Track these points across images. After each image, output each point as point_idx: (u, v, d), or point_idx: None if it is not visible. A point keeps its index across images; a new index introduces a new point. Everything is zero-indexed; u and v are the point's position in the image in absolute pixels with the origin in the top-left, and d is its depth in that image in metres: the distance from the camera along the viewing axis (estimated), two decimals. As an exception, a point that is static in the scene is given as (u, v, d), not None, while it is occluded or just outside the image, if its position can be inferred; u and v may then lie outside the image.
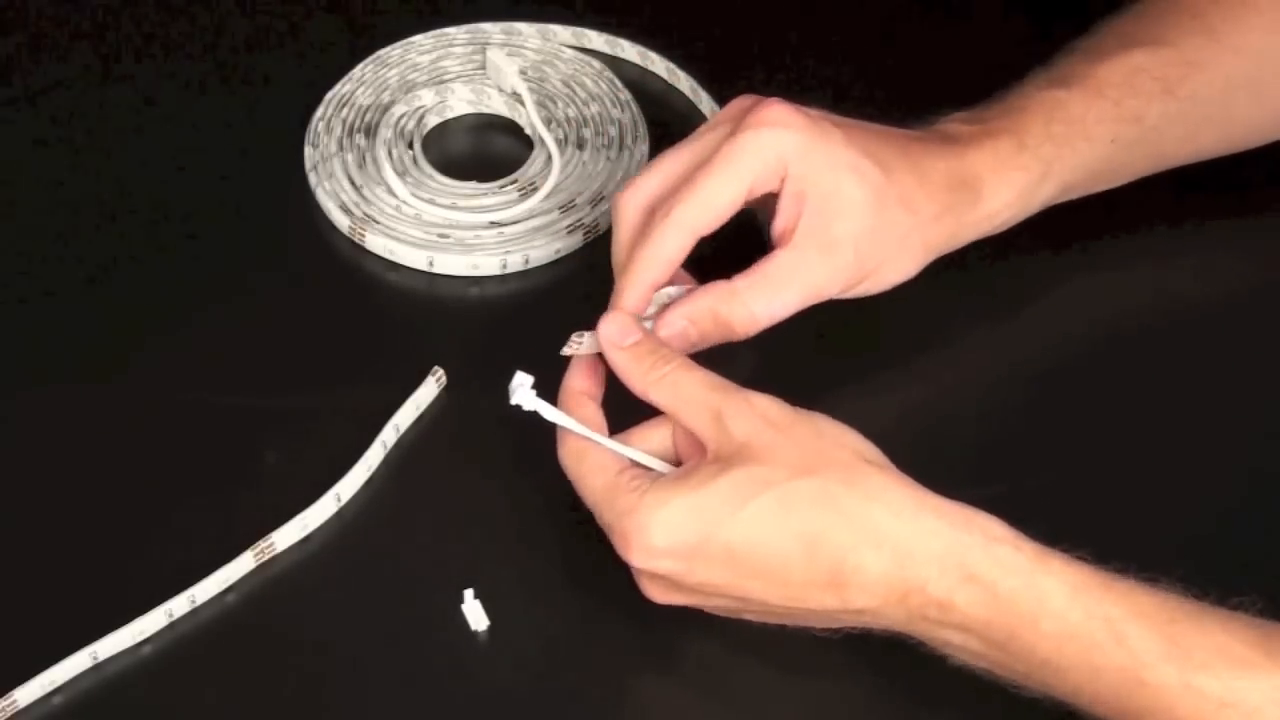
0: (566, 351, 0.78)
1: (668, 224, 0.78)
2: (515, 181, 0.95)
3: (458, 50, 1.01)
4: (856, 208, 0.80)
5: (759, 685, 0.77)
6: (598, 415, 0.77)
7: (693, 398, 0.75)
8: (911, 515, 0.71)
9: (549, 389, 0.80)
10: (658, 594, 0.75)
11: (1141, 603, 0.70)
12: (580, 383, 0.78)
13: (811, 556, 0.71)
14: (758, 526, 0.71)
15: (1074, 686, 0.71)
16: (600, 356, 0.78)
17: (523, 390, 0.77)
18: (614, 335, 0.77)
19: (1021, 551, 0.71)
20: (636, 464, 0.75)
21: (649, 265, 0.79)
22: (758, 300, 0.80)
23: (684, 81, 1.00)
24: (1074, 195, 0.88)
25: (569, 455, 0.76)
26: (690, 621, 0.78)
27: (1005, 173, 0.84)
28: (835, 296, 0.82)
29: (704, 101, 0.98)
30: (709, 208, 0.79)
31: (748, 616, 0.75)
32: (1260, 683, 0.68)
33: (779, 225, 0.81)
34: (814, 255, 0.80)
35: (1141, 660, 0.69)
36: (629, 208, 0.81)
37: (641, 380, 0.76)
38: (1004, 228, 0.86)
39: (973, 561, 0.70)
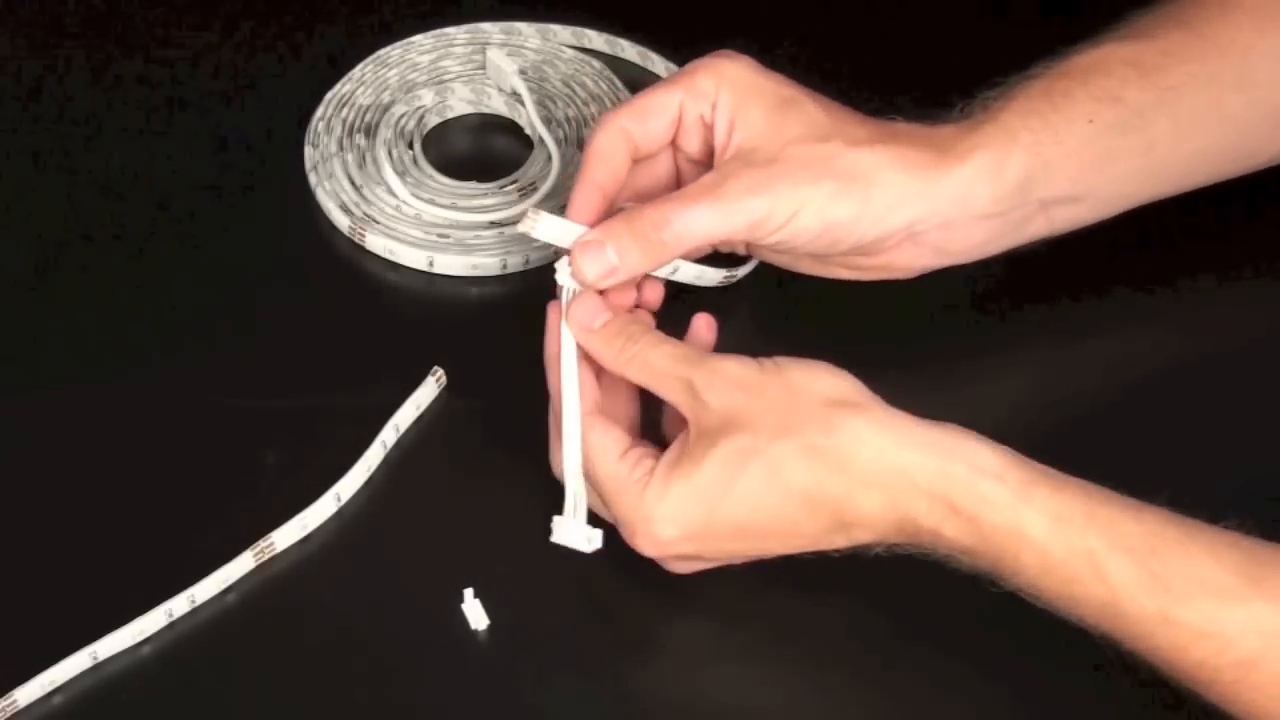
0: (522, 228, 0.80)
1: (602, 124, 0.82)
2: (515, 181, 0.95)
3: (458, 50, 1.01)
4: (784, 134, 0.80)
5: (761, 683, 0.77)
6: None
7: (664, 371, 0.76)
8: (894, 452, 0.73)
9: (544, 392, 0.80)
10: (680, 568, 0.77)
11: (1124, 533, 0.70)
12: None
13: (813, 510, 0.73)
14: (755, 497, 0.73)
15: (1057, 610, 0.72)
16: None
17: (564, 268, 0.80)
18: (583, 318, 0.79)
19: (1004, 483, 0.72)
20: (634, 446, 0.76)
21: (591, 165, 0.82)
22: (673, 209, 0.79)
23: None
24: (1069, 186, 0.84)
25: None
26: (691, 623, 0.79)
27: (968, 137, 0.82)
28: (773, 227, 0.80)
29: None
30: (638, 110, 0.82)
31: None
32: (1239, 611, 0.68)
33: (717, 154, 0.82)
34: (734, 171, 0.80)
35: (1120, 594, 0.70)
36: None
37: (615, 360, 0.78)
38: (989, 206, 0.82)
39: (955, 496, 0.72)
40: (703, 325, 0.80)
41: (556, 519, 0.78)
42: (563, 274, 0.80)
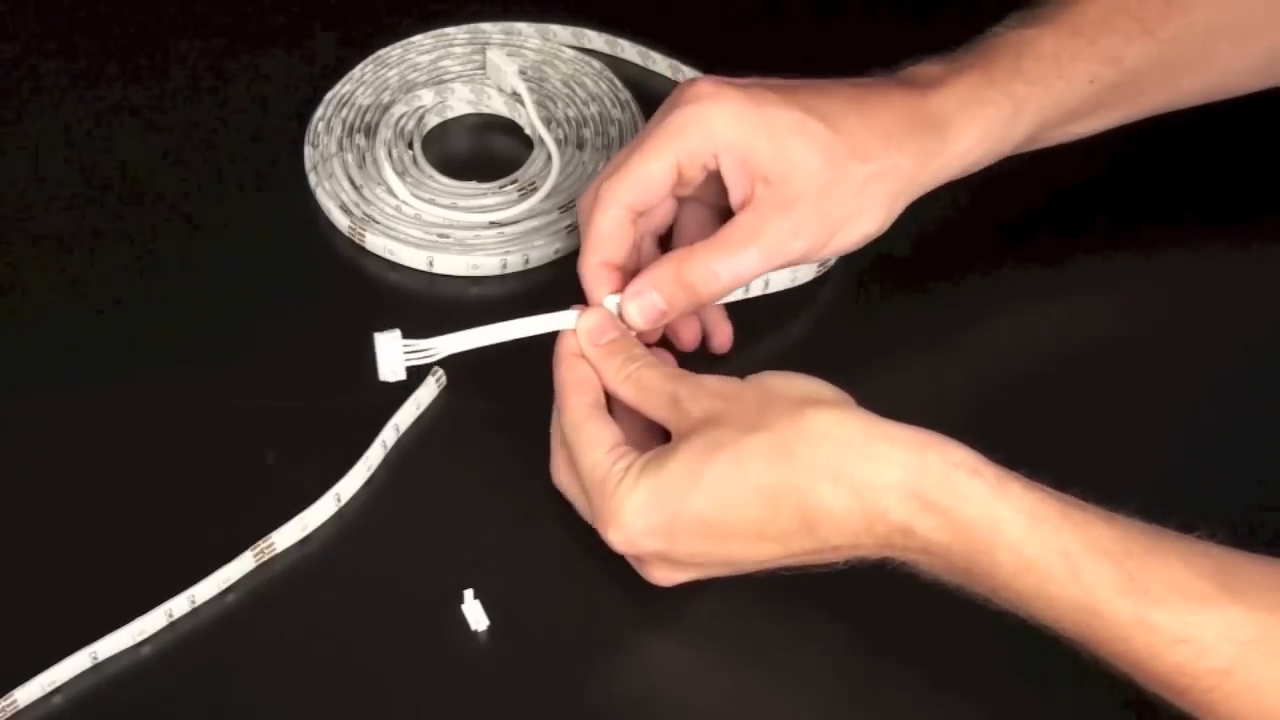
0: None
1: (599, 201, 0.82)
2: (515, 181, 0.95)
3: (458, 50, 1.01)
4: (806, 166, 0.81)
5: (761, 685, 0.77)
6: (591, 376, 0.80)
7: (653, 388, 0.78)
8: (862, 446, 0.72)
9: (544, 393, 0.80)
10: (658, 576, 0.77)
11: (1099, 536, 0.70)
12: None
13: (776, 506, 0.73)
14: (719, 490, 0.73)
15: (1031, 613, 0.71)
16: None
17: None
18: (591, 331, 0.80)
19: (979, 477, 0.71)
20: (624, 443, 0.77)
21: (594, 244, 0.82)
22: (718, 258, 0.80)
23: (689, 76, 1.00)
24: (1053, 139, 0.87)
25: (569, 426, 0.78)
26: (691, 622, 0.79)
27: (971, 109, 0.83)
28: (810, 257, 0.82)
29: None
30: (636, 182, 0.82)
31: (749, 571, 0.76)
32: (1214, 618, 0.68)
33: (736, 197, 0.82)
34: (772, 214, 0.81)
35: (1097, 596, 0.69)
36: (584, 207, 0.84)
37: (613, 376, 0.79)
38: (977, 167, 0.85)
39: (928, 489, 0.71)
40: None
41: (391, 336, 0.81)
42: (610, 302, 0.82)
